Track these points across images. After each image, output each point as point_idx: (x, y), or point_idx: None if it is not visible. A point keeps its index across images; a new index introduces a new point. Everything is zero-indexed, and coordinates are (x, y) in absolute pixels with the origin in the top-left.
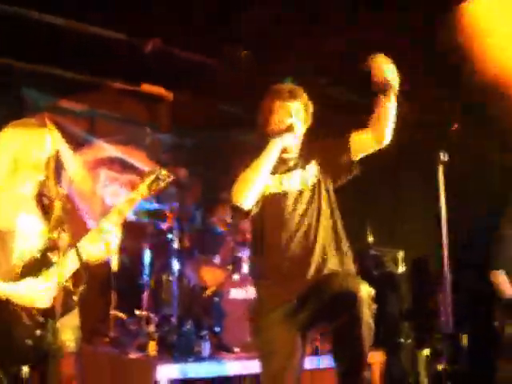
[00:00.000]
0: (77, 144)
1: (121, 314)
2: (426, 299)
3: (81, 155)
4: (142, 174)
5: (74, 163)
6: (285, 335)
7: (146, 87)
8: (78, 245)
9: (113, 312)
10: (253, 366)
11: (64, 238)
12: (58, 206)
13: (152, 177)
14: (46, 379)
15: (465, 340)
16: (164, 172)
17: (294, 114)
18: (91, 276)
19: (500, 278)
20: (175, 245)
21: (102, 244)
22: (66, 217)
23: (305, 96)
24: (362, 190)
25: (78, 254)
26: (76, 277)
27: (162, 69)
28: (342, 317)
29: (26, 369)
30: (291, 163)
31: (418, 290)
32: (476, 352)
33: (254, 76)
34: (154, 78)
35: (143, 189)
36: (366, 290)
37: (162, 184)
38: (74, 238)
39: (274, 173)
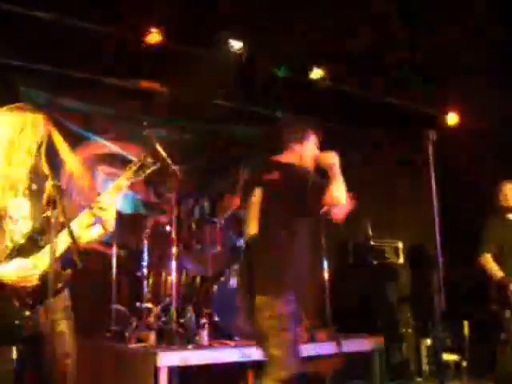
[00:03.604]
0: (75, 141)
1: (122, 308)
2: (425, 288)
3: (79, 152)
4: (128, 162)
5: (73, 160)
6: None
7: (143, 83)
8: (70, 226)
9: (114, 306)
10: (251, 353)
11: (56, 217)
12: (49, 185)
13: (138, 163)
14: (38, 359)
15: (466, 327)
16: (149, 159)
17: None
18: (92, 271)
19: (489, 261)
20: (173, 236)
21: (92, 226)
22: (58, 196)
23: None
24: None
25: (71, 235)
26: (66, 259)
27: (157, 64)
28: None
29: (15, 349)
30: None
31: (417, 280)
32: (477, 338)
33: (247, 68)
34: (149, 73)
35: (129, 174)
36: None
37: (148, 170)
38: (66, 218)
39: None
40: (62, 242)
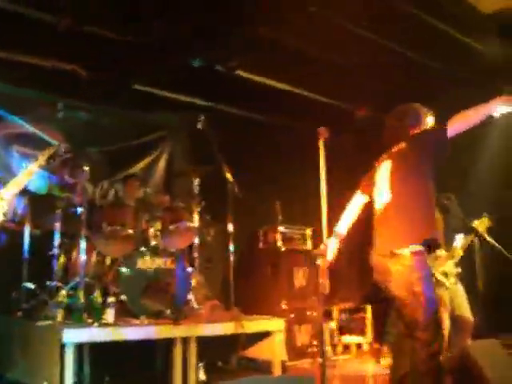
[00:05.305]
0: None
1: (32, 286)
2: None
3: None
4: (43, 142)
5: None
6: None
7: (62, 65)
8: None
9: (25, 284)
10: (155, 332)
11: None
12: None
13: (51, 151)
14: None
15: (369, 312)
16: (63, 148)
17: None
18: (4, 250)
19: None
20: (84, 218)
21: None
22: None
23: None
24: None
25: None
26: None
27: (76, 46)
28: None
29: None
30: None
31: None
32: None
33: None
34: (69, 56)
35: (42, 161)
36: None
37: (60, 158)
38: None
39: None
40: None
